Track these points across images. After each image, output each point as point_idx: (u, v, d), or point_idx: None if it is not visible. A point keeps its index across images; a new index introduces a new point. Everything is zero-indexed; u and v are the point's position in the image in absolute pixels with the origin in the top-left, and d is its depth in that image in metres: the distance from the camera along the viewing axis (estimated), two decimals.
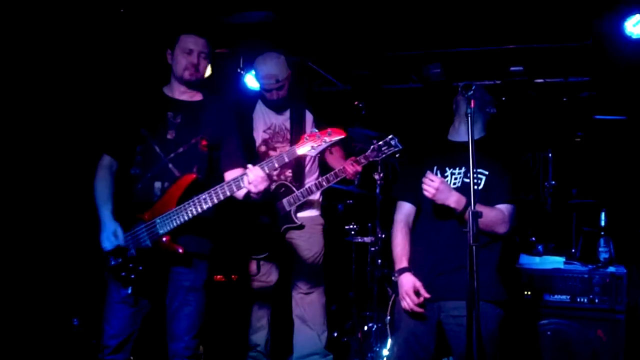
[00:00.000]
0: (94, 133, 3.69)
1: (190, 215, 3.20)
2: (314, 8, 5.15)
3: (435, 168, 3.39)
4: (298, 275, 4.43)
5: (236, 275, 4.70)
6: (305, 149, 3.12)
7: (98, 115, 4.35)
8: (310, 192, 4.30)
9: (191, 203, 3.19)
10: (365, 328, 4.97)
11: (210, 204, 3.18)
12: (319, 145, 3.11)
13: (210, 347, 4.91)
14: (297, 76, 4.40)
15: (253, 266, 4.42)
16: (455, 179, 3.34)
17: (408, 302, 3.23)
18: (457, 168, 3.35)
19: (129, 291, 3.25)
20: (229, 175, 3.38)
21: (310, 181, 4.37)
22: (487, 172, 3.30)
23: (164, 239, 3.24)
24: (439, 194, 3.09)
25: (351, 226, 5.40)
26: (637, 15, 5.17)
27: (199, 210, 3.19)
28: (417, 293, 3.23)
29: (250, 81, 5.79)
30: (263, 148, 4.38)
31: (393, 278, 3.40)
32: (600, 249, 4.52)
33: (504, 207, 3.24)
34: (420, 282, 3.24)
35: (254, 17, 5.20)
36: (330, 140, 3.11)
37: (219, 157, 3.44)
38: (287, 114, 4.38)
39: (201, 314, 3.40)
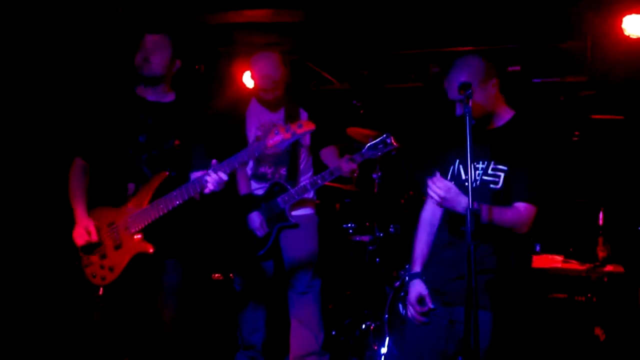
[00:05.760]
0: (67, 136, 3.68)
1: (160, 212, 3.20)
2: (311, 6, 5.15)
3: (457, 162, 3.09)
4: (294, 274, 4.42)
5: (233, 274, 4.69)
6: (275, 141, 3.10)
7: (71, 117, 4.32)
8: (304, 190, 4.29)
9: (162, 200, 3.20)
10: (363, 327, 4.97)
11: (180, 201, 3.18)
12: (289, 138, 3.09)
13: (207, 345, 4.92)
14: (293, 74, 4.40)
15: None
16: (478, 175, 3.01)
17: (412, 311, 3.09)
18: (480, 162, 3.00)
19: (100, 293, 3.24)
20: (195, 177, 3.37)
21: (304, 179, 4.37)
22: (506, 168, 2.94)
23: (136, 237, 3.22)
24: (446, 202, 2.80)
25: (349, 225, 5.40)
26: (635, 14, 5.18)
27: (169, 207, 3.19)
28: (421, 301, 3.06)
29: (246, 79, 5.79)
30: None
31: (406, 279, 3.25)
32: (599, 248, 4.53)
33: (522, 207, 2.89)
34: (427, 291, 3.06)
35: (251, 15, 5.20)
36: (301, 133, 3.08)
37: (191, 156, 3.44)
38: (282, 112, 4.38)
39: (182, 316, 3.40)
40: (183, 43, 3.53)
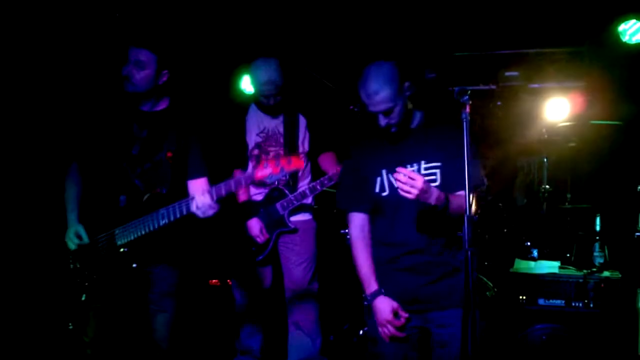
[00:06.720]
0: (64, 141, 3.67)
1: (147, 229, 3.22)
2: (309, 12, 5.16)
3: (384, 172, 3.03)
4: (291, 279, 4.42)
5: (231, 279, 4.68)
6: (263, 174, 3.08)
7: (69, 123, 4.31)
8: (304, 196, 4.31)
9: (149, 218, 3.21)
10: (361, 332, 4.97)
11: (167, 220, 3.19)
12: (277, 173, 3.06)
13: (204, 349, 4.92)
14: (292, 80, 4.40)
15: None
16: None
17: (390, 329, 2.98)
18: (409, 165, 2.98)
19: (82, 298, 3.28)
20: (192, 184, 3.39)
21: (302, 185, 4.37)
22: (439, 164, 2.98)
23: (122, 249, 3.26)
24: (424, 194, 2.72)
25: (347, 230, 5.39)
26: (632, 20, 5.21)
27: (156, 225, 3.21)
28: (395, 314, 2.97)
29: (246, 85, 5.79)
30: (256, 151, 4.38)
31: (365, 303, 3.05)
32: (595, 254, 4.54)
33: (463, 194, 2.77)
34: (397, 303, 2.99)
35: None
36: (289, 170, 3.06)
37: (185, 166, 3.42)
38: (281, 118, 4.39)
39: (177, 319, 3.42)
40: (173, 52, 3.45)
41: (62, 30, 4.60)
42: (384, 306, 2.99)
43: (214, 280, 5.46)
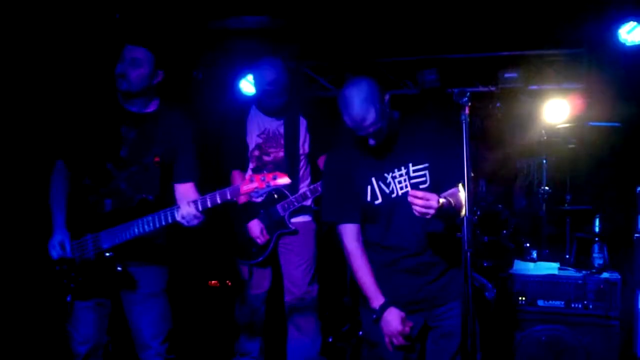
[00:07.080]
0: (49, 139, 3.62)
1: (132, 234, 3.20)
2: (309, 13, 5.17)
3: (373, 180, 3.04)
4: (291, 281, 4.42)
5: (230, 281, 4.69)
6: (249, 189, 3.06)
7: (55, 121, 4.28)
8: (304, 197, 4.31)
9: (134, 223, 3.19)
10: (361, 333, 4.98)
11: (152, 228, 3.18)
12: (263, 187, 3.04)
13: (203, 351, 4.92)
14: (292, 81, 4.41)
15: (244, 271, 4.42)
16: (400, 182, 3.01)
17: (400, 339, 2.98)
18: (397, 169, 3.02)
19: (68, 299, 3.27)
20: (179, 188, 3.36)
21: (303, 187, 4.38)
22: (427, 164, 3.00)
23: (107, 253, 3.24)
24: (438, 211, 2.71)
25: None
26: (631, 22, 5.22)
27: (142, 231, 3.19)
28: (404, 321, 3.00)
29: (245, 86, 5.80)
30: (257, 152, 4.39)
31: (374, 316, 3.01)
32: (595, 255, 4.54)
33: (457, 190, 2.89)
34: (403, 312, 3.00)
35: (249, 22, 5.21)
36: (274, 185, 3.04)
37: (173, 170, 3.39)
38: (282, 119, 4.39)
39: (166, 318, 3.41)
40: (170, 51, 3.43)
41: (54, 26, 4.56)
42: (394, 317, 2.99)
43: (213, 281, 5.46)
